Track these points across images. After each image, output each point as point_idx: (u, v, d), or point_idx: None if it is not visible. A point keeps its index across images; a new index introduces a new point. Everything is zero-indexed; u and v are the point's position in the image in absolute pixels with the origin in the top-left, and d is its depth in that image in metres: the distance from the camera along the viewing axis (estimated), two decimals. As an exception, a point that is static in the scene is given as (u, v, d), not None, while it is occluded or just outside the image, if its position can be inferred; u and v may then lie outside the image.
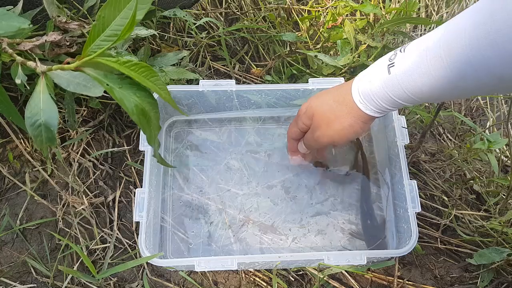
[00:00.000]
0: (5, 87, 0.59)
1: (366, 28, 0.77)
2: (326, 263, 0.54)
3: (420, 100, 0.44)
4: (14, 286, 0.63)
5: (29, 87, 0.45)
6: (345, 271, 0.63)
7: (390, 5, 0.83)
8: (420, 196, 0.68)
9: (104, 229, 0.67)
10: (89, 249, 0.65)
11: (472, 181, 0.70)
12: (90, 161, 0.71)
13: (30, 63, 0.36)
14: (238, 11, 0.87)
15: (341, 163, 0.69)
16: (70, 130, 0.72)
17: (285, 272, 0.64)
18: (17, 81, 0.38)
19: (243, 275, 0.64)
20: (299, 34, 0.80)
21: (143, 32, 0.61)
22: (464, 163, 0.72)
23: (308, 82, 0.64)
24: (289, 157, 0.66)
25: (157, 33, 0.73)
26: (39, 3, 0.55)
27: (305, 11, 0.83)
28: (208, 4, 0.87)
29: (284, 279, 0.63)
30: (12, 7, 0.50)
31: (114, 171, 0.72)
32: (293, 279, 0.63)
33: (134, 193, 0.62)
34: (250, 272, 0.64)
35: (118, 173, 0.71)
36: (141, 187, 0.58)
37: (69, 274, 0.63)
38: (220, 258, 0.55)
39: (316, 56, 0.73)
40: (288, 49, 0.80)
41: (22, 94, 0.69)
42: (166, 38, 0.80)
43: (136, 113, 0.33)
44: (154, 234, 0.62)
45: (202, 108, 0.70)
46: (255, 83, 0.79)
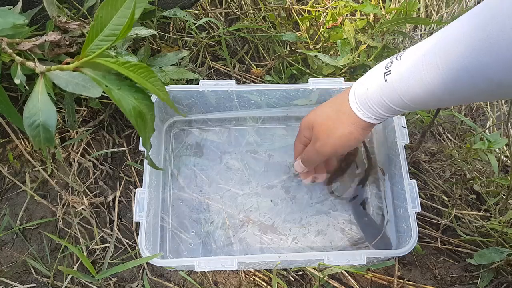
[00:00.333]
0: (5, 87, 0.59)
1: (366, 28, 0.77)
2: (326, 263, 0.54)
3: (418, 107, 0.44)
4: (14, 286, 0.63)
5: (29, 87, 0.45)
6: (345, 271, 0.63)
7: (390, 5, 0.83)
8: (420, 196, 0.68)
9: (104, 229, 0.67)
10: (89, 249, 0.65)
11: (472, 181, 0.70)
12: (90, 161, 0.71)
13: (29, 63, 0.36)
14: (238, 11, 0.87)
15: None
16: (70, 130, 0.72)
17: (285, 272, 0.64)
18: (17, 81, 0.38)
19: (243, 275, 0.63)
20: (299, 34, 0.80)
21: (143, 32, 0.61)
22: (464, 163, 0.72)
23: (308, 82, 0.64)
24: (301, 179, 0.66)
25: (157, 33, 0.73)
26: (39, 3, 0.55)
27: (305, 11, 0.83)
28: (208, 4, 0.87)
29: (284, 279, 0.63)
30: (12, 7, 0.50)
31: (114, 171, 0.72)
32: (293, 279, 0.63)
33: (134, 193, 0.63)
34: (250, 272, 0.64)
35: (118, 173, 0.71)
36: (141, 187, 0.58)
37: (69, 274, 0.63)
38: (220, 258, 0.55)
39: (316, 56, 0.73)
40: (288, 49, 0.80)
41: (22, 94, 0.69)
42: (166, 38, 0.80)
43: (134, 115, 0.33)
44: (154, 234, 0.62)
45: (202, 108, 0.70)
46: (255, 83, 0.79)
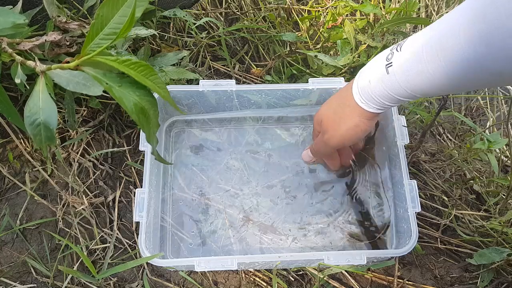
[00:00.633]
0: (5, 87, 0.59)
1: (366, 28, 0.77)
2: (326, 263, 0.54)
3: (421, 96, 0.45)
4: (14, 286, 0.62)
5: (29, 87, 0.45)
6: (345, 271, 0.63)
7: (390, 5, 0.83)
8: (420, 196, 0.68)
9: (104, 229, 0.67)
10: (89, 249, 0.65)
11: (472, 181, 0.70)
12: (90, 161, 0.71)
13: (30, 63, 0.36)
14: (238, 11, 0.87)
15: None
16: (70, 130, 0.72)
17: (285, 272, 0.64)
18: (17, 81, 0.38)
19: (243, 275, 0.63)
20: (299, 34, 0.80)
21: (143, 32, 0.61)
22: (464, 163, 0.72)
23: (308, 82, 0.64)
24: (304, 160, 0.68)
25: (157, 33, 0.73)
26: (39, 3, 0.55)
27: (305, 11, 0.83)
28: (208, 4, 0.87)
29: (284, 279, 0.63)
30: (12, 7, 0.50)
31: (114, 171, 0.72)
32: (293, 279, 0.63)
33: (134, 193, 0.62)
34: (250, 272, 0.64)
35: (118, 173, 0.71)
36: (141, 187, 0.58)
37: (69, 274, 0.63)
38: (220, 258, 0.55)
39: (316, 56, 0.73)
40: (288, 49, 0.80)
41: (22, 94, 0.69)
42: (166, 38, 0.80)
43: (135, 112, 0.33)
44: (154, 234, 0.62)
45: (202, 108, 0.70)
46: (255, 83, 0.79)
